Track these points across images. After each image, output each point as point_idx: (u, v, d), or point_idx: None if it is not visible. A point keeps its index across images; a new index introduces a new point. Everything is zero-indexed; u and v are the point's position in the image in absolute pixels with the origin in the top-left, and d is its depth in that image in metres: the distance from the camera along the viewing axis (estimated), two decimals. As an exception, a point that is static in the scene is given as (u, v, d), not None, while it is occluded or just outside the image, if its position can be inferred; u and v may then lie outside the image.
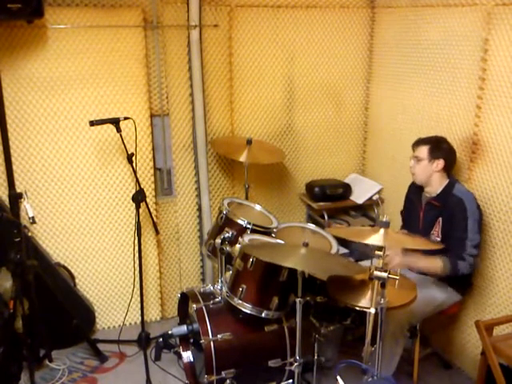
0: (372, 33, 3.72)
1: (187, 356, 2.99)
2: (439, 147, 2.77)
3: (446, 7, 2.94)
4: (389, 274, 2.05)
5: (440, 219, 2.73)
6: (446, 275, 2.65)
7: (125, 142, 2.96)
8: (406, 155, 3.22)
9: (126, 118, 2.98)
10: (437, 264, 2.62)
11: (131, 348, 3.29)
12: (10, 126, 3.02)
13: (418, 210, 2.89)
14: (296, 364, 2.49)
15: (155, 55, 3.29)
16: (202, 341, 2.55)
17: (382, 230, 2.13)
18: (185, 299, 2.92)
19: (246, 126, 3.63)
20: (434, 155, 2.75)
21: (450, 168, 2.79)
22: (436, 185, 2.79)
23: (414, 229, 2.89)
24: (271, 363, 2.64)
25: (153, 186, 3.44)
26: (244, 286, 2.50)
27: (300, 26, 3.56)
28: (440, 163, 2.74)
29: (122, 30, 3.11)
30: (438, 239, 2.72)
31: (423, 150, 2.78)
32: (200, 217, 3.67)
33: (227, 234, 2.77)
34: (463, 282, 2.77)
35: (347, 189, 3.76)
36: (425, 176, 2.81)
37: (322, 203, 3.67)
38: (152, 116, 3.38)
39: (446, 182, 2.77)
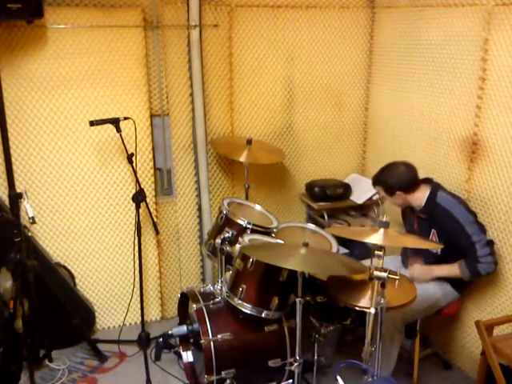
0: (372, 33, 3.72)
1: (187, 356, 2.99)
2: (388, 184, 2.72)
3: (446, 7, 2.94)
4: (388, 273, 2.05)
5: (434, 230, 2.71)
6: (469, 278, 2.65)
7: (125, 142, 2.96)
8: (405, 155, 3.23)
9: (125, 118, 2.98)
10: (455, 270, 2.64)
11: (131, 348, 3.29)
12: (9, 126, 3.02)
13: (413, 223, 2.86)
14: (296, 364, 2.49)
15: (155, 55, 3.29)
16: (201, 341, 2.55)
17: (381, 230, 2.13)
18: (185, 299, 2.92)
19: (246, 126, 3.63)
20: (389, 192, 2.75)
21: (412, 188, 2.71)
22: (416, 201, 2.75)
23: None
24: (271, 363, 2.64)
25: (153, 185, 3.44)
26: (244, 286, 2.50)
27: (300, 26, 3.56)
28: (399, 194, 2.72)
29: (121, 30, 3.11)
30: (439, 251, 2.70)
31: (380, 191, 2.80)
32: (200, 217, 3.67)
33: (227, 234, 2.77)
34: (461, 280, 2.76)
35: (347, 189, 3.75)
36: (400, 204, 2.83)
37: (322, 203, 3.67)
38: (152, 116, 3.38)
39: (427, 192, 2.71)
